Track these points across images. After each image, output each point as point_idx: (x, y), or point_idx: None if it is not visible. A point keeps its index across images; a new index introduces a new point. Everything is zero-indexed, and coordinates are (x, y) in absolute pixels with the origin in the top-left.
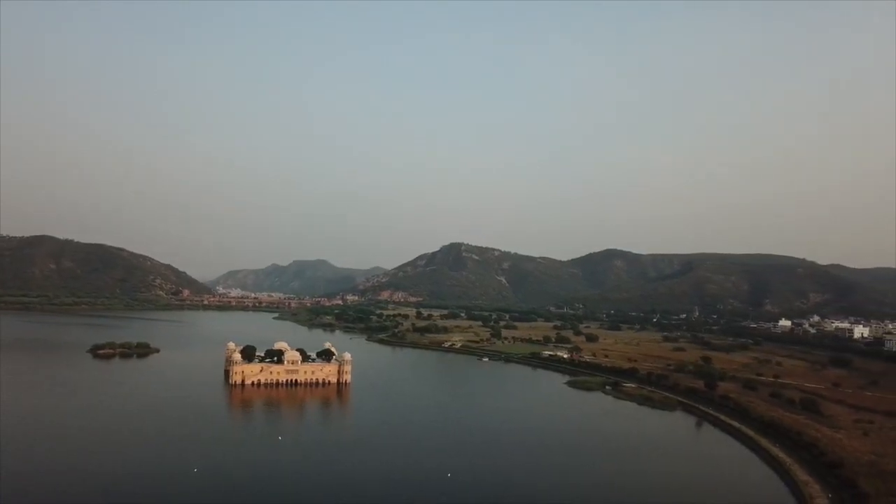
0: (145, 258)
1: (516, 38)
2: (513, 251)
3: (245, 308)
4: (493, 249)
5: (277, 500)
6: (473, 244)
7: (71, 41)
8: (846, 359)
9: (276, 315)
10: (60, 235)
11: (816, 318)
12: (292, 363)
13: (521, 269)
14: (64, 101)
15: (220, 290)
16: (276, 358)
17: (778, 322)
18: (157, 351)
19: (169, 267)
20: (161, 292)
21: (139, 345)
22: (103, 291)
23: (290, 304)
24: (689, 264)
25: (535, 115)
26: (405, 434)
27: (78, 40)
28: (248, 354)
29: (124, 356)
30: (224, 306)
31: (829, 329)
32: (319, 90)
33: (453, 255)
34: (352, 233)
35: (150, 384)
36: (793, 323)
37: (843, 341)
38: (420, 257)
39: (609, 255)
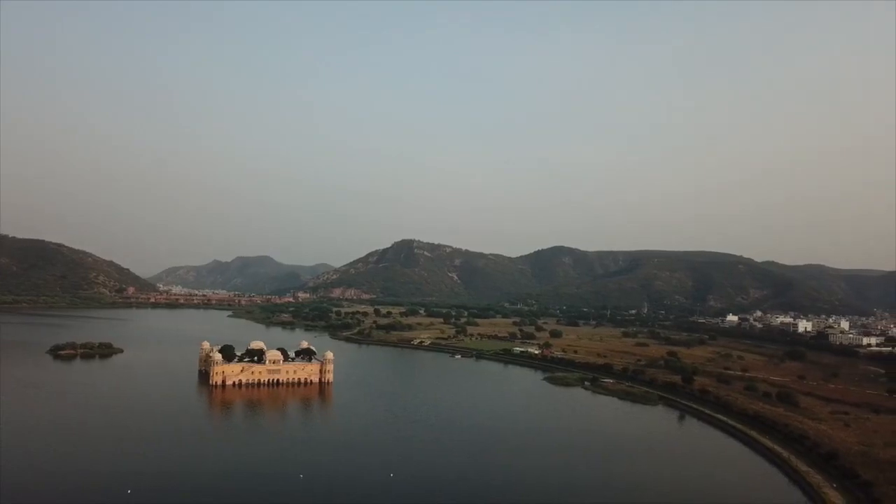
0: (86, 254)
1: (486, 37)
2: (464, 248)
3: (195, 306)
4: (445, 246)
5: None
6: (425, 241)
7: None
8: (800, 352)
9: (230, 313)
10: None
11: (759, 314)
12: (274, 363)
13: (473, 266)
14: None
15: (162, 287)
16: (256, 358)
17: (726, 317)
18: (121, 351)
19: (111, 263)
20: (104, 290)
21: (101, 345)
22: (43, 289)
23: (240, 301)
24: (636, 261)
25: (493, 114)
26: (401, 434)
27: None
28: (228, 354)
29: (86, 357)
30: (173, 304)
31: (774, 324)
32: (275, 86)
33: (405, 251)
34: (296, 228)
35: (125, 386)
36: (739, 318)
37: (789, 335)
38: (371, 254)
39: (557, 251)
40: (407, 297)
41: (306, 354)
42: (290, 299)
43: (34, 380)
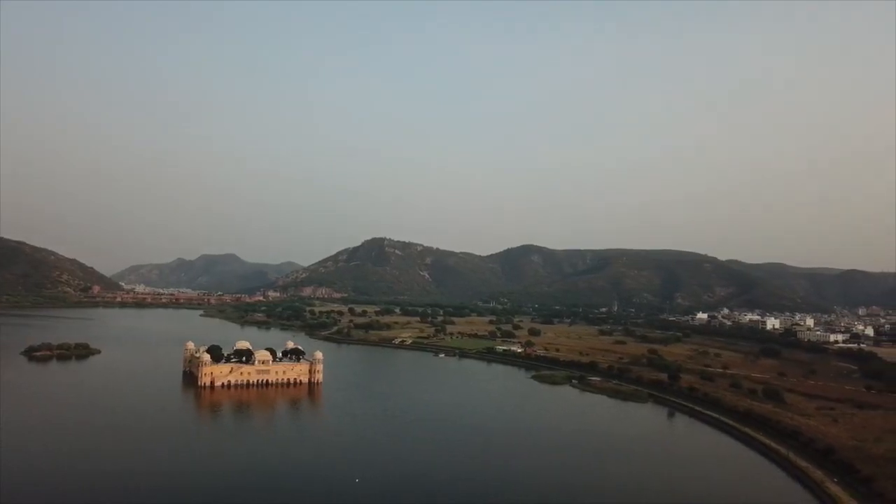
0: (49, 252)
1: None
2: (434, 246)
3: (163, 305)
4: (416, 244)
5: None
6: (396, 239)
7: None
8: (774, 350)
9: (202, 312)
10: None
11: (726, 311)
12: (263, 363)
13: (444, 265)
14: None
15: (124, 285)
16: (244, 358)
17: (695, 315)
18: (98, 352)
19: (75, 262)
20: (69, 289)
21: (78, 346)
22: (5, 288)
23: (209, 300)
24: (604, 260)
25: (472, 113)
26: (398, 435)
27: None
28: (216, 355)
29: (62, 358)
30: (141, 303)
31: (743, 321)
32: (267, 84)
33: (376, 250)
34: (261, 226)
35: (111, 388)
36: (708, 316)
37: (758, 332)
38: (341, 252)
39: (526, 250)
40: (379, 296)
41: (294, 354)
42: (261, 298)
43: (18, 382)
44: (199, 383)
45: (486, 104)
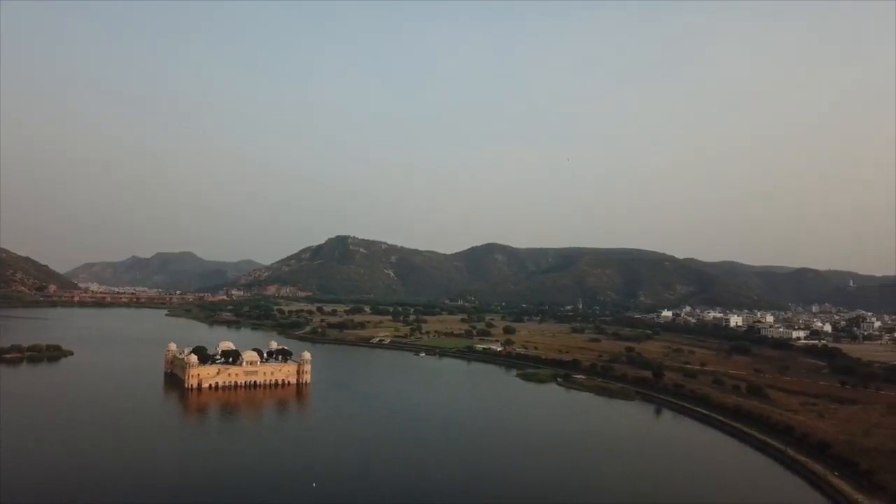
0: (1, 250)
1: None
2: (399, 244)
3: (125, 304)
4: (381, 242)
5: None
6: (360, 237)
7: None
8: (745, 347)
9: (167, 312)
10: None
11: (688, 309)
12: (251, 364)
13: (409, 263)
14: None
15: (79, 284)
16: (231, 359)
17: (660, 313)
18: (71, 353)
19: (28, 260)
20: (23, 288)
21: (49, 347)
22: None
23: (171, 299)
24: (567, 258)
25: (433, 111)
26: (396, 436)
27: None
28: (202, 356)
29: (33, 360)
30: (100, 302)
31: (707, 319)
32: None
33: (340, 248)
34: (217, 223)
35: (94, 390)
36: (673, 314)
37: (722, 330)
38: (304, 250)
39: (490, 248)
40: (345, 295)
41: (280, 355)
42: (225, 297)
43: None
44: (186, 385)
45: (460, 104)
